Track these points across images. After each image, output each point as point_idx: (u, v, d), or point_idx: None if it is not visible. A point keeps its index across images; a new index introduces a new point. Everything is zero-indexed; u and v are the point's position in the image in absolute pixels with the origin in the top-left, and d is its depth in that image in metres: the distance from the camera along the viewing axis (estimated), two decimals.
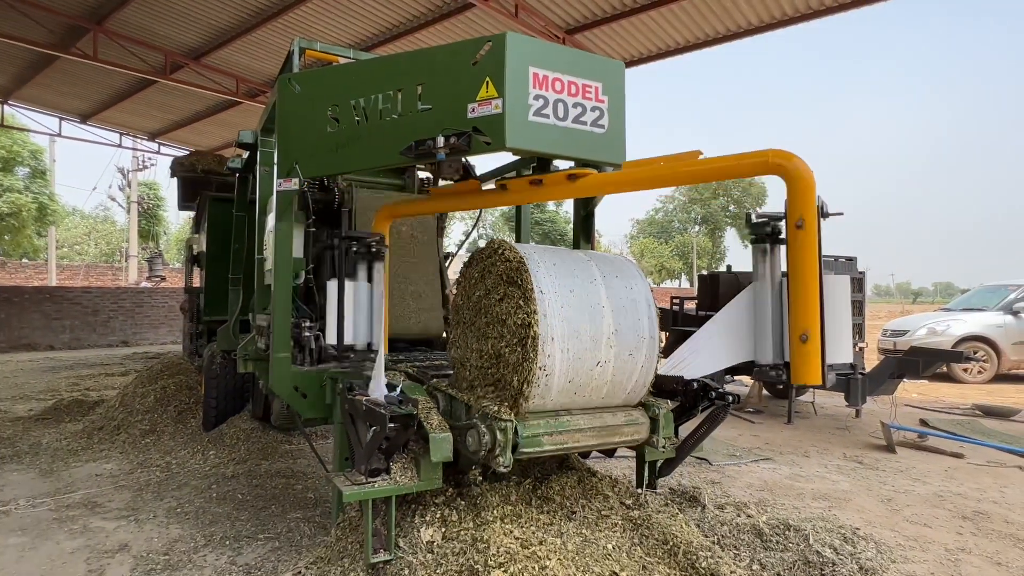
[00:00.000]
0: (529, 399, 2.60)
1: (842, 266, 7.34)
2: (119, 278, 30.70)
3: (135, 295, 16.87)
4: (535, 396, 2.61)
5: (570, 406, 2.80)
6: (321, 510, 4.15)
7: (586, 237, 4.15)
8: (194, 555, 3.47)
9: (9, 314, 14.44)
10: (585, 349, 2.71)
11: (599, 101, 2.85)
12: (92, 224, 48.58)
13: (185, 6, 10.70)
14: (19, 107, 16.91)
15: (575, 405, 2.81)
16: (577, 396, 2.78)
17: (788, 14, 9.21)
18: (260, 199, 4.31)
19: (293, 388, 3.43)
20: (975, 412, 7.87)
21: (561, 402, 2.75)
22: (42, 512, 4.10)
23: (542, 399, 2.66)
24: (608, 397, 2.88)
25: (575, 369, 2.69)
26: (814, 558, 3.10)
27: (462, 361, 3.04)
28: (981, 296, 12.50)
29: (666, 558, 2.70)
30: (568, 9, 9.68)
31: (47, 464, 5.16)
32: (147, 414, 6.23)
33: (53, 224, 28.18)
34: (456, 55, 2.78)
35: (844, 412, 7.71)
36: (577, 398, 2.78)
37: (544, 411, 2.72)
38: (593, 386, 2.79)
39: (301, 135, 3.26)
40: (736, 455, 5.72)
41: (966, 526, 4.08)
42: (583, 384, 2.75)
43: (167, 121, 17.08)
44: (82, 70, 13.22)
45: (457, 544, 2.54)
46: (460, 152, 2.72)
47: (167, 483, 4.71)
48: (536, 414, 2.70)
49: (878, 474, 5.22)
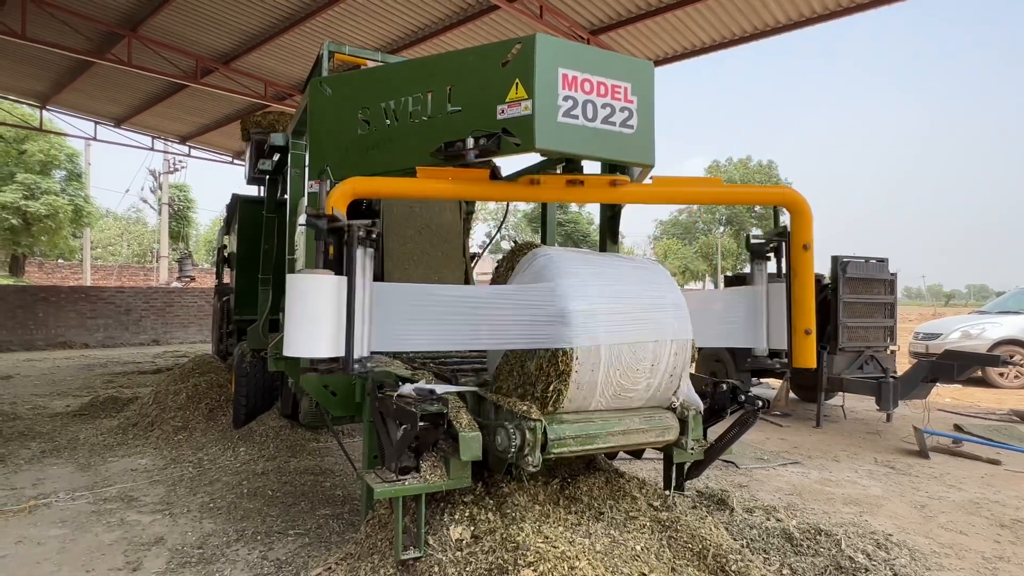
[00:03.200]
0: (561, 401, 2.61)
1: (873, 267, 7.21)
2: (150, 278, 31.45)
3: (166, 295, 17.26)
4: (567, 399, 2.62)
5: (601, 407, 2.80)
6: (350, 507, 4.21)
7: (612, 238, 4.13)
8: (227, 549, 3.54)
9: (47, 313, 14.88)
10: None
11: (628, 101, 2.84)
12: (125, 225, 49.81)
13: (216, 12, 10.92)
14: (57, 112, 17.41)
15: (607, 407, 2.81)
16: (611, 399, 2.78)
17: (817, 11, 9.06)
18: (291, 200, 4.38)
19: (323, 386, 3.48)
20: (1012, 418, 7.66)
21: (594, 404, 2.76)
22: (81, 505, 4.22)
23: (573, 402, 2.67)
24: (640, 400, 2.88)
25: (611, 378, 2.70)
26: (846, 564, 3.05)
27: (497, 364, 3.07)
28: (1018, 298, 12.15)
29: (695, 560, 2.68)
30: (593, 10, 9.65)
31: (85, 458, 5.31)
32: (179, 411, 6.37)
33: (88, 225, 29.00)
34: (486, 57, 2.80)
35: (874, 416, 7.55)
36: (611, 401, 2.78)
37: (574, 411, 2.73)
38: (629, 390, 2.79)
39: (332, 137, 3.31)
40: (764, 459, 5.65)
41: (1004, 534, 3.98)
42: (619, 390, 2.76)
43: (197, 124, 17.44)
44: (117, 75, 13.57)
45: (486, 543, 2.56)
46: (490, 153, 2.74)
47: (199, 479, 4.82)
48: (565, 414, 2.70)
49: (911, 480, 5.11)
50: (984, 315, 12.10)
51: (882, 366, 7.10)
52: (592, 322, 2.65)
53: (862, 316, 7.10)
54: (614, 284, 2.84)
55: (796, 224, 3.18)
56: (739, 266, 48.98)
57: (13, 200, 23.77)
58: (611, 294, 2.77)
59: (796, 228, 3.19)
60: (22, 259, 27.75)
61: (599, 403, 2.76)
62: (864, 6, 8.74)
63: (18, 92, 16.53)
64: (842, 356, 6.97)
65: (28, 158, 25.10)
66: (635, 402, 2.88)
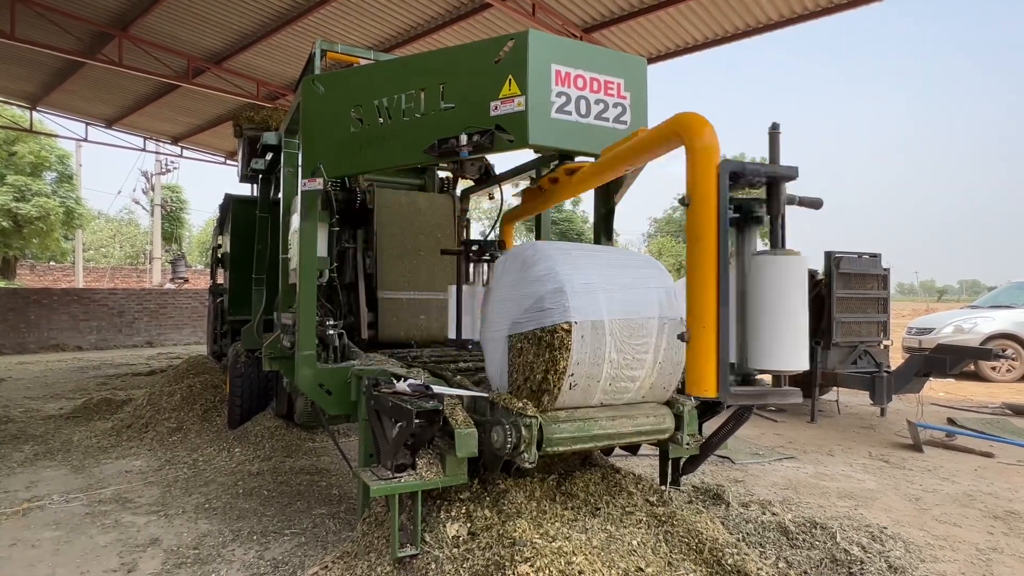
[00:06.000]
0: (557, 397, 2.62)
1: (866, 262, 7.24)
2: (143, 280, 31.27)
3: (159, 296, 17.17)
4: (563, 394, 2.63)
5: (597, 403, 2.81)
6: (346, 506, 4.20)
7: (607, 235, 4.13)
8: (223, 549, 3.53)
9: (39, 316, 14.78)
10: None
11: (621, 97, 2.85)
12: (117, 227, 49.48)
13: (207, 11, 10.87)
14: (47, 113, 17.29)
15: (602, 402, 2.82)
16: (606, 396, 2.78)
17: (809, 8, 9.08)
18: (284, 199, 4.37)
19: (318, 385, 3.47)
20: (1005, 411, 7.71)
21: (589, 400, 2.76)
22: (75, 507, 4.20)
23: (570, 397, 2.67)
24: (636, 395, 2.88)
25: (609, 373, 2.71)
26: (841, 556, 3.06)
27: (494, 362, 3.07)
28: (1009, 293, 12.23)
29: (691, 555, 2.68)
30: (585, 7, 9.65)
31: (78, 461, 5.28)
32: (174, 412, 6.35)
33: (80, 227, 28.78)
34: (479, 54, 2.80)
35: (868, 411, 7.59)
36: (606, 397, 2.79)
37: (569, 408, 2.73)
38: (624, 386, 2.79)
39: (325, 135, 3.30)
40: (759, 454, 5.67)
41: (997, 526, 4.01)
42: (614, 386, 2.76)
43: (189, 125, 17.34)
44: (107, 76, 13.48)
45: (483, 539, 2.56)
46: (483, 150, 2.74)
47: (194, 479, 4.80)
48: (561, 411, 2.71)
49: (905, 473, 5.14)
50: (976, 310, 12.19)
51: (876, 361, 7.13)
52: (590, 296, 2.65)
53: (855, 311, 7.14)
54: (606, 266, 2.86)
55: (688, 168, 2.20)
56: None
57: (4, 202, 23.55)
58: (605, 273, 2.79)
59: (688, 174, 2.20)
60: (13, 262, 27.52)
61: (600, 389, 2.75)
62: (856, 2, 8.76)
63: (8, 93, 16.41)
64: (836, 351, 7.00)
65: (18, 160, 24.88)
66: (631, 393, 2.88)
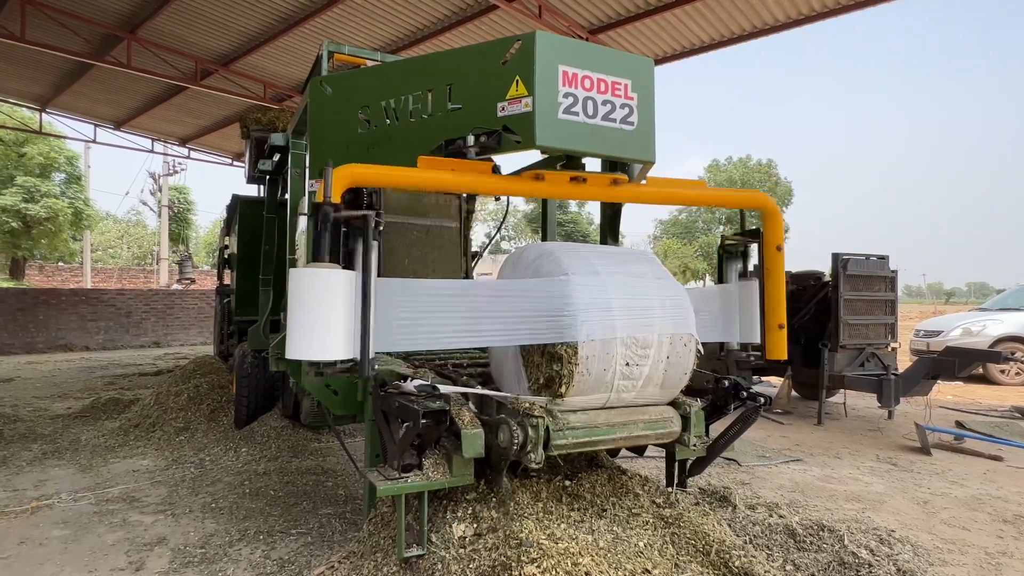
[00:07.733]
0: (565, 396, 2.62)
1: (874, 264, 7.20)
2: (151, 280, 31.45)
3: (166, 297, 17.26)
4: (571, 393, 2.62)
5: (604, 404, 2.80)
6: (352, 506, 4.20)
7: (613, 236, 4.14)
8: (229, 549, 3.54)
9: (47, 316, 14.88)
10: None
11: (628, 98, 2.84)
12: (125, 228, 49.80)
13: (215, 14, 10.92)
14: (56, 115, 17.41)
15: (609, 403, 2.81)
16: (613, 395, 2.78)
17: (816, 9, 9.06)
18: (291, 200, 4.38)
19: (324, 385, 3.48)
20: (1014, 414, 7.65)
21: (596, 400, 2.76)
22: (83, 506, 4.22)
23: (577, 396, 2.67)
24: (642, 396, 2.88)
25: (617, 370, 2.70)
26: (849, 559, 3.05)
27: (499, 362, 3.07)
28: (1018, 295, 12.15)
29: (698, 556, 2.68)
30: (592, 9, 9.65)
31: (86, 460, 5.31)
32: (181, 412, 6.37)
33: (88, 228, 28.98)
34: (486, 54, 2.80)
35: (876, 414, 7.55)
36: (613, 397, 2.78)
37: (576, 408, 2.73)
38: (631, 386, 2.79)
39: (333, 136, 3.31)
40: (766, 456, 5.64)
41: (1007, 530, 3.98)
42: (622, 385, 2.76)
43: (197, 126, 17.43)
44: (116, 78, 13.56)
45: (489, 540, 2.56)
46: (490, 150, 2.74)
47: (201, 479, 4.81)
48: (568, 411, 2.70)
49: (913, 476, 5.11)
50: (985, 312, 12.11)
51: (883, 363, 7.09)
52: (602, 312, 2.66)
53: (863, 313, 7.10)
54: (615, 268, 2.87)
55: (768, 226, 3.42)
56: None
57: (13, 203, 23.78)
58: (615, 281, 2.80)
59: (768, 230, 3.42)
60: (22, 262, 27.74)
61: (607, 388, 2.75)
62: (863, 4, 8.73)
63: (17, 95, 16.53)
64: (843, 353, 6.96)
65: (28, 161, 25.11)
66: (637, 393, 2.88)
